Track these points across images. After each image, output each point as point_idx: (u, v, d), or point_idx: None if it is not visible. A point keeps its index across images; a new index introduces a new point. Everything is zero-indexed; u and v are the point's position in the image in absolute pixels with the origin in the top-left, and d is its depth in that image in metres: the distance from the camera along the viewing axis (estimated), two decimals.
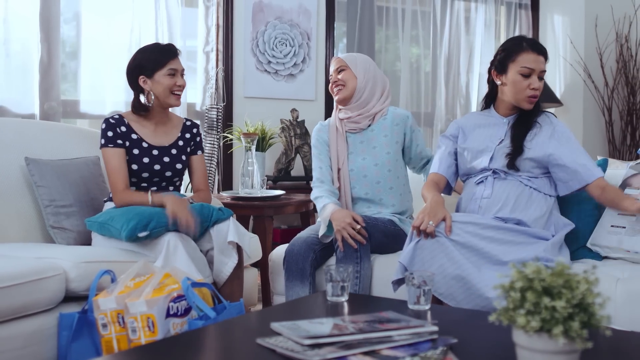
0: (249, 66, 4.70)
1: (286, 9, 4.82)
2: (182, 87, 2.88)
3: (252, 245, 3.08)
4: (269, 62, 4.77)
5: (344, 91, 2.91)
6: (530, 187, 2.56)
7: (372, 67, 2.96)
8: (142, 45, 4.02)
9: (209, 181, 4.29)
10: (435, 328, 1.66)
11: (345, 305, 2.05)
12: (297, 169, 4.72)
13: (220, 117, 4.48)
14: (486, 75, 2.73)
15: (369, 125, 2.94)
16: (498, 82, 2.64)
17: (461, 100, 5.57)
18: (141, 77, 2.85)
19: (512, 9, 5.80)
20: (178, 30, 4.35)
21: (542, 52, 2.59)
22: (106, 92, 4.13)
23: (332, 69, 2.97)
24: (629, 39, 5.54)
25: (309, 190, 4.49)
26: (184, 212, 2.59)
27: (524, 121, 2.62)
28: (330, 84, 2.98)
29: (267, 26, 4.76)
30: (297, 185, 4.59)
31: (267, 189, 3.97)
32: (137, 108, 2.89)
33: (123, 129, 2.85)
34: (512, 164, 2.55)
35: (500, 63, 2.62)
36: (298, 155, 4.62)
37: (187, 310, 2.17)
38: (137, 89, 2.89)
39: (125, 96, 4.10)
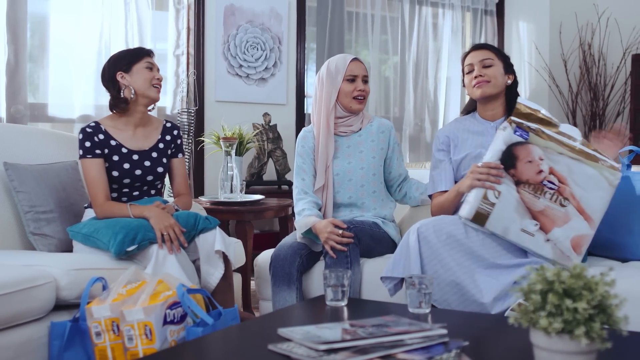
0: (220, 70, 4.66)
1: (257, 13, 4.79)
2: (160, 80, 2.86)
3: (236, 251, 3.05)
4: (241, 65, 4.73)
5: (365, 100, 2.94)
6: None
7: None
8: (111, 48, 4.01)
9: None
10: (445, 331, 1.66)
11: (345, 309, 2.03)
12: (270, 173, 4.70)
13: (192, 122, 4.42)
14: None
15: (359, 129, 2.95)
16: (467, 92, 2.79)
17: (429, 104, 5.61)
18: (119, 73, 2.80)
19: (478, 15, 5.87)
20: (148, 33, 4.28)
21: (480, 47, 2.75)
22: (75, 96, 4.03)
23: (355, 72, 2.89)
24: (592, 46, 5.67)
25: (281, 194, 4.49)
26: (169, 229, 2.54)
27: None
28: (352, 89, 2.88)
29: (239, 30, 4.72)
30: (269, 189, 4.57)
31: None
32: (118, 102, 2.80)
33: (101, 136, 2.78)
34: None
35: (462, 76, 2.80)
36: (270, 159, 4.60)
37: (183, 317, 2.12)
38: (115, 87, 2.82)
39: (94, 99, 4.02)
